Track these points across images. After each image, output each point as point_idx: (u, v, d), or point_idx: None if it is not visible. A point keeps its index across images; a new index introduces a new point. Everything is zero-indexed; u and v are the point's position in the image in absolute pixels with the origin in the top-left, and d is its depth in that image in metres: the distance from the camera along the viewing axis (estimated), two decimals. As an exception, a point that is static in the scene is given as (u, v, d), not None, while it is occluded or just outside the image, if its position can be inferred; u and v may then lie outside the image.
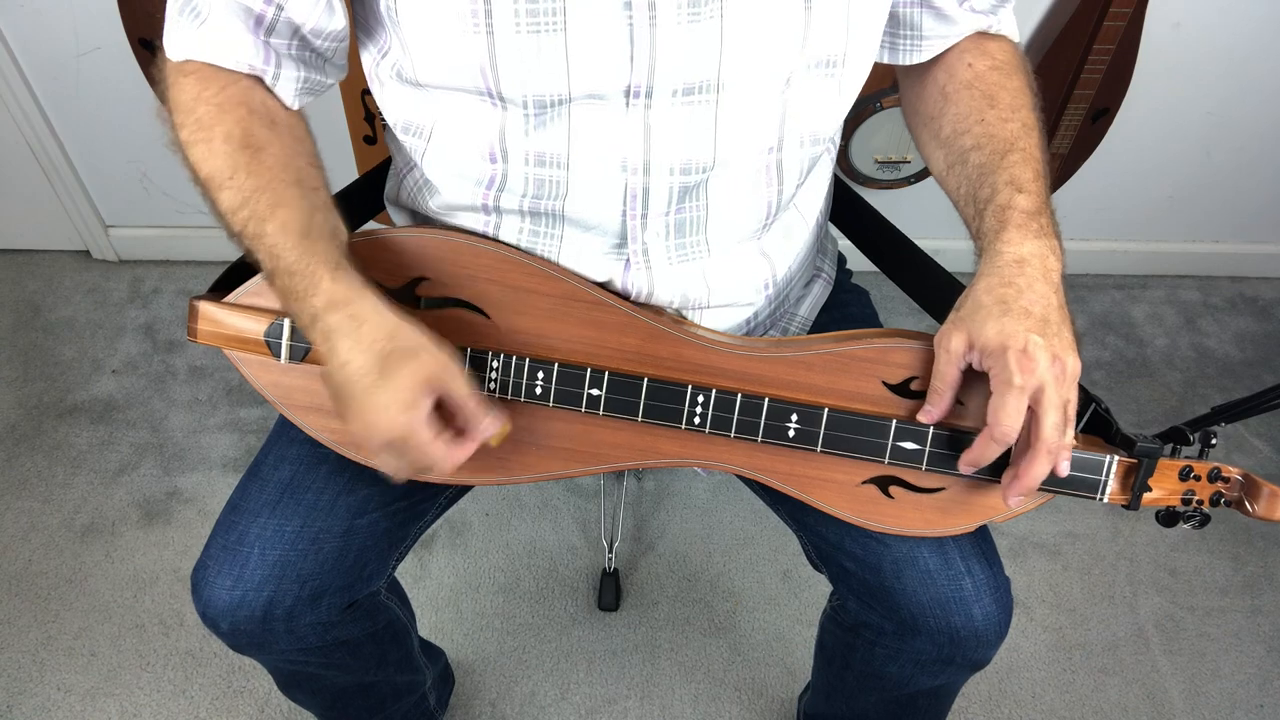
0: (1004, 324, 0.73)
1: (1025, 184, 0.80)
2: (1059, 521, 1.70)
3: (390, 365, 0.72)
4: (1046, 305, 0.75)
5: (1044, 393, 0.72)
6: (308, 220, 0.75)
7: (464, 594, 1.58)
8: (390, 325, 0.74)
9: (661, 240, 0.84)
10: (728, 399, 0.83)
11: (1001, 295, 0.75)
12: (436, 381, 0.74)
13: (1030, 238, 0.77)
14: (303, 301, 0.74)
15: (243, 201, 0.75)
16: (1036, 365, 0.72)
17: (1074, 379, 0.74)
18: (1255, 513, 0.81)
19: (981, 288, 0.77)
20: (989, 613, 0.89)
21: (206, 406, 1.82)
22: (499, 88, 0.75)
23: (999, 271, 0.77)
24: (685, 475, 1.75)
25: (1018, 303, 0.74)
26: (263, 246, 0.75)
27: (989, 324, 0.74)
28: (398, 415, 0.72)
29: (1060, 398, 0.73)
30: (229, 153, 0.76)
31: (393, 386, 0.72)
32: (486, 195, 0.83)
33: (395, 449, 0.74)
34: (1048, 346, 0.73)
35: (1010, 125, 0.83)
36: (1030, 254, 0.77)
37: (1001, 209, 0.79)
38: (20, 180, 1.93)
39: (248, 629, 0.89)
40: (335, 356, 0.73)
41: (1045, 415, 0.73)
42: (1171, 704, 1.49)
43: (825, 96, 0.82)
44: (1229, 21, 1.70)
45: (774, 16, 0.73)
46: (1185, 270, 2.17)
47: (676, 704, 1.47)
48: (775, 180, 0.84)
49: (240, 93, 0.78)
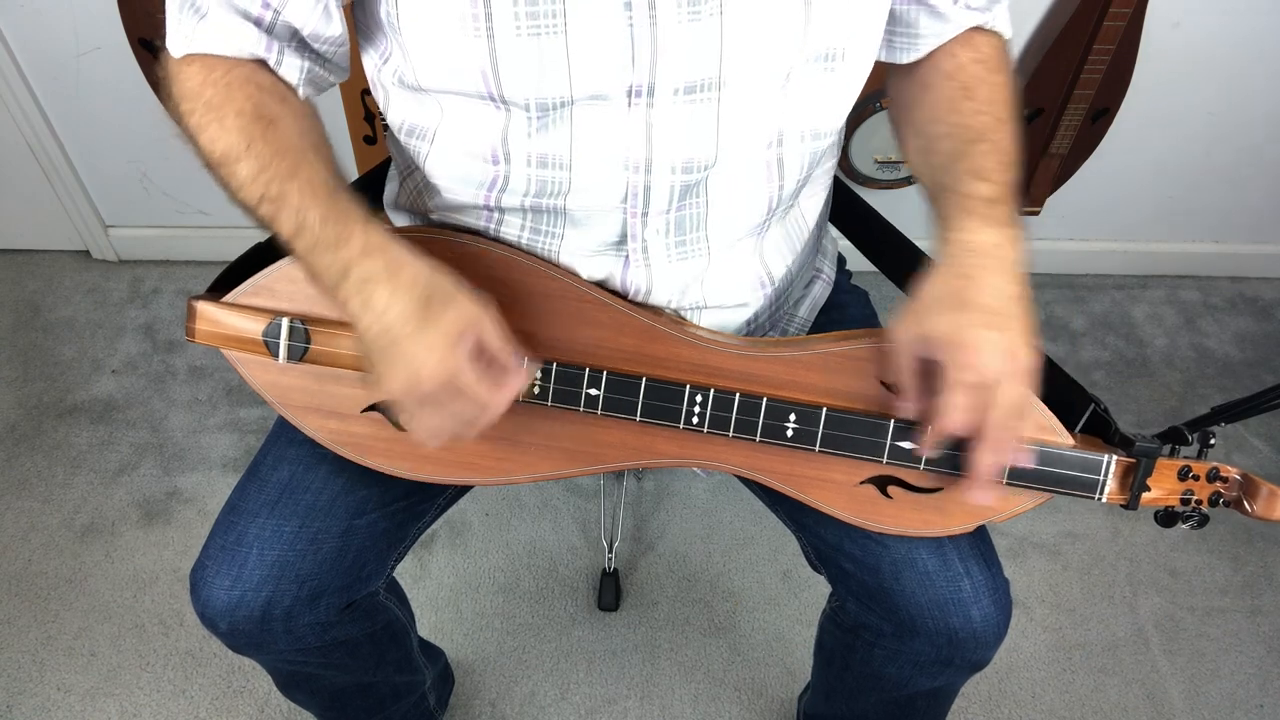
0: (956, 318, 0.73)
1: (988, 173, 0.79)
2: (1059, 521, 1.70)
3: (433, 309, 0.70)
4: (1001, 297, 0.74)
5: (994, 388, 0.72)
6: (332, 177, 0.74)
7: (464, 594, 1.58)
8: (428, 270, 0.72)
9: (661, 237, 0.84)
10: (726, 398, 0.83)
11: (955, 287, 0.75)
12: (477, 326, 0.72)
13: (988, 226, 0.76)
14: (334, 252, 0.71)
15: (262, 167, 0.73)
16: (988, 361, 0.72)
17: (1028, 372, 0.74)
18: (1254, 512, 0.81)
19: (937, 279, 0.76)
20: (987, 614, 0.89)
21: (206, 406, 1.83)
22: (501, 91, 0.75)
23: (954, 261, 0.76)
24: (685, 475, 1.75)
25: (969, 295, 0.74)
26: (287, 206, 0.72)
27: (942, 318, 0.74)
28: (445, 357, 0.70)
29: (1012, 392, 0.73)
30: (242, 126, 0.74)
31: (438, 329, 0.70)
32: (489, 196, 0.83)
33: (440, 397, 0.72)
34: (1000, 341, 0.72)
35: (983, 117, 0.83)
36: (987, 242, 0.76)
37: (962, 197, 0.78)
38: (20, 180, 1.94)
39: (246, 629, 0.89)
40: (372, 307, 0.71)
41: (993, 410, 0.73)
42: (1171, 704, 1.49)
43: (826, 91, 0.82)
44: (1229, 21, 1.70)
45: (774, 12, 0.73)
46: (1185, 270, 2.17)
47: (676, 704, 1.47)
48: (776, 176, 0.84)
49: (247, 73, 0.77)
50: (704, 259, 0.87)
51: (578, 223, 0.84)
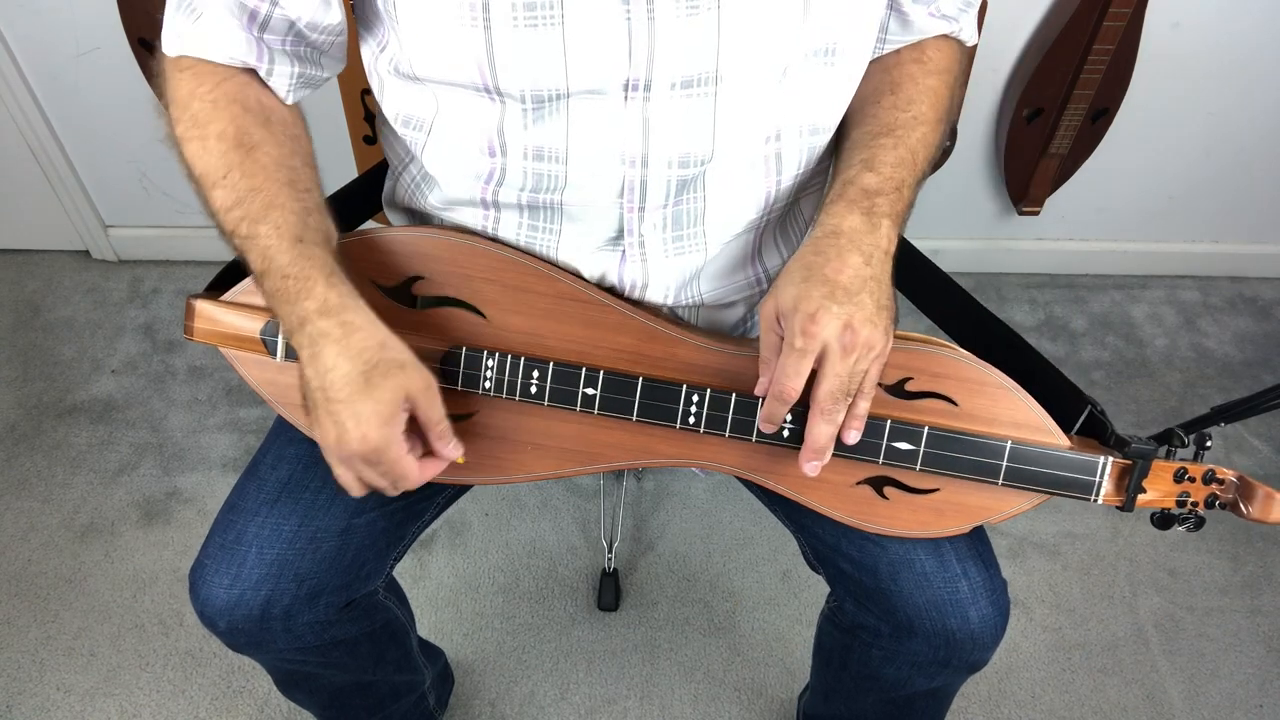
0: (801, 289, 0.74)
1: (879, 166, 0.79)
2: (1058, 522, 1.70)
3: (375, 377, 0.72)
4: (852, 275, 0.74)
5: (826, 357, 0.73)
6: (302, 223, 0.76)
7: (463, 594, 1.58)
8: (381, 335, 0.74)
9: (658, 233, 0.84)
10: (722, 398, 0.83)
11: (808, 263, 0.75)
12: (416, 398, 0.74)
13: (856, 214, 0.77)
14: (293, 305, 0.74)
15: (236, 201, 0.76)
16: (820, 330, 0.72)
17: (867, 347, 0.74)
18: (1250, 514, 0.81)
19: (796, 256, 0.77)
20: (985, 615, 0.89)
21: (206, 406, 1.83)
22: (496, 82, 0.75)
23: (814, 242, 0.77)
24: (684, 476, 1.75)
25: (820, 270, 0.74)
26: (255, 248, 0.75)
27: (789, 289, 0.75)
28: (377, 428, 0.72)
29: (845, 365, 0.73)
30: (223, 151, 0.76)
31: (375, 398, 0.72)
32: (485, 189, 0.83)
33: (365, 460, 0.74)
34: (840, 313, 0.72)
35: (899, 114, 0.83)
36: (850, 228, 0.76)
37: (844, 184, 0.79)
38: (20, 180, 1.94)
39: (245, 628, 0.89)
40: (319, 361, 0.73)
41: (823, 379, 0.74)
42: (1171, 704, 1.49)
43: (824, 86, 0.82)
44: (1229, 21, 1.70)
45: (773, 7, 0.73)
46: (1185, 270, 2.17)
47: (676, 704, 1.47)
48: (774, 171, 0.85)
49: (235, 89, 0.78)
50: (701, 255, 0.87)
51: (574, 218, 0.84)
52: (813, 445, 0.77)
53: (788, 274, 0.76)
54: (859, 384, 0.75)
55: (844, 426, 0.77)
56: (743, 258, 0.90)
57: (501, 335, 0.85)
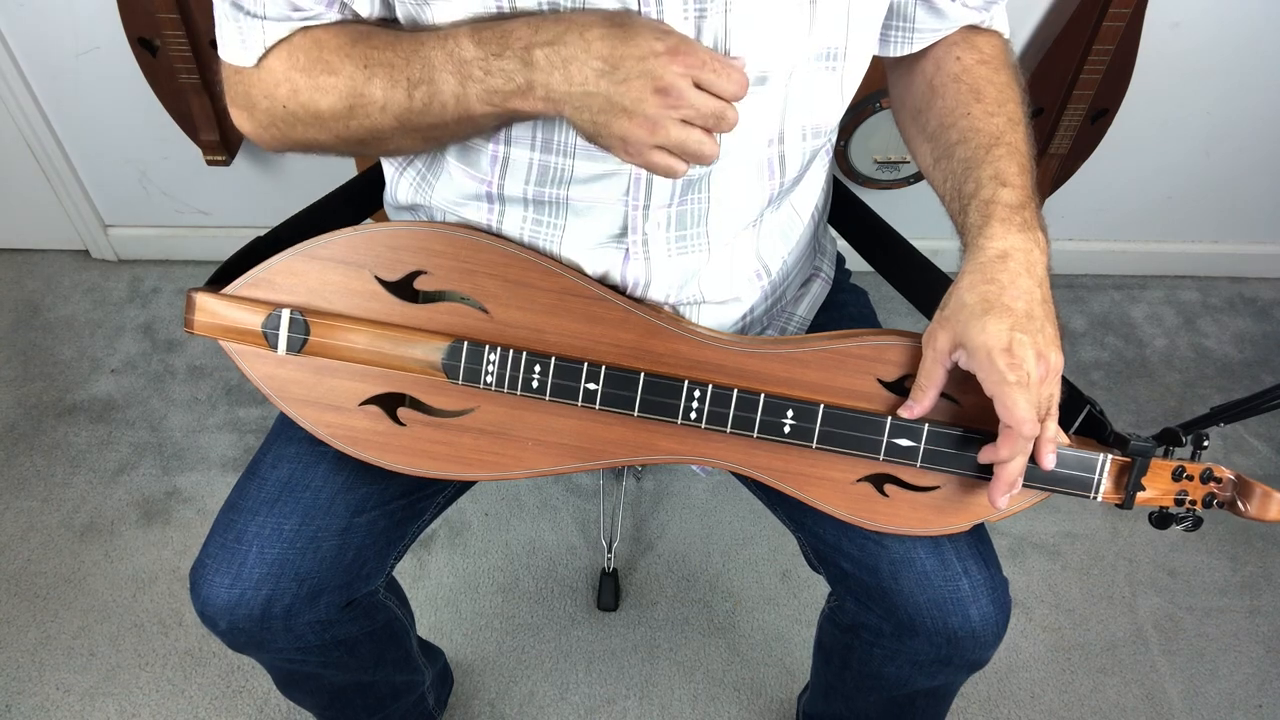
0: (987, 323, 0.74)
1: (1010, 178, 0.80)
2: (1058, 521, 1.70)
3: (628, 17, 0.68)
4: (1030, 300, 0.75)
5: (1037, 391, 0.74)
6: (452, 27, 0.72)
7: (463, 594, 1.58)
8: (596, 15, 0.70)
9: (662, 231, 0.84)
10: (724, 394, 0.83)
11: (984, 293, 0.75)
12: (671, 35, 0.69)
13: (1014, 231, 0.77)
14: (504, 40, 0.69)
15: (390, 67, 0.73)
16: (1023, 362, 0.73)
17: (1057, 374, 0.75)
18: (1248, 513, 0.82)
19: (965, 285, 0.77)
20: (986, 614, 0.89)
21: (206, 406, 1.83)
22: None
23: (982, 268, 0.77)
24: (684, 475, 1.75)
25: (1000, 300, 0.74)
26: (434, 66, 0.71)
27: (973, 323, 0.74)
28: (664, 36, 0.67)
29: (1043, 393, 0.74)
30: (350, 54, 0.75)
31: (641, 23, 0.68)
32: (490, 180, 0.83)
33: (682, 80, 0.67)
34: (1032, 343, 0.73)
35: (996, 120, 0.83)
36: (1013, 248, 0.77)
37: (985, 203, 0.79)
38: (20, 180, 1.94)
39: (246, 627, 0.89)
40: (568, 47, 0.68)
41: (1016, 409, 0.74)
42: (1170, 704, 1.49)
43: (826, 89, 0.82)
44: (1229, 21, 1.70)
45: (780, 11, 0.73)
46: (1184, 270, 2.17)
47: (676, 704, 1.47)
48: (777, 173, 0.85)
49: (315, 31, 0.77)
50: (704, 254, 0.87)
51: (580, 214, 0.84)
52: (1007, 479, 0.77)
53: (965, 307, 0.75)
54: (1047, 408, 0.76)
55: (1040, 452, 0.77)
56: (743, 254, 0.90)
57: (503, 330, 0.85)
